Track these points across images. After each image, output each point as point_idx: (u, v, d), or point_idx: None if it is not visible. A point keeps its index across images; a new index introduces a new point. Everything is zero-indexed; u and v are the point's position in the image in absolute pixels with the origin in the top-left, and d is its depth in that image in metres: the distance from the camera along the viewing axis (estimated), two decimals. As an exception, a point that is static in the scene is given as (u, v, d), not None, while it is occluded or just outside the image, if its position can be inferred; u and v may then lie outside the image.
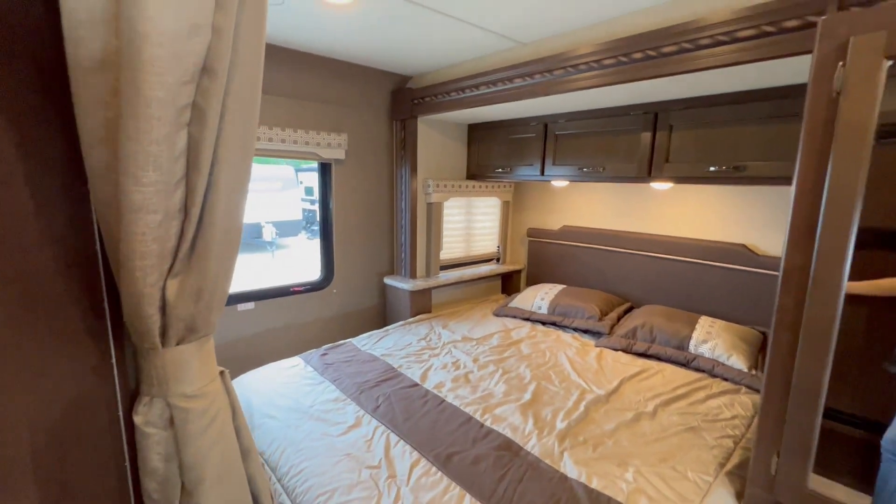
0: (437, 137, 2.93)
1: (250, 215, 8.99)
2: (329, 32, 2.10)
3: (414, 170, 2.83)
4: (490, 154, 2.99)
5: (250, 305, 2.57)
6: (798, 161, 1.16)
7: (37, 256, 0.61)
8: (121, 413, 0.74)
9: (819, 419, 1.16)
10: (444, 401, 1.81)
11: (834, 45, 1.07)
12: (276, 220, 9.32)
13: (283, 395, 1.85)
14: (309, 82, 2.50)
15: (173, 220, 0.64)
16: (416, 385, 1.94)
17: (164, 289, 0.67)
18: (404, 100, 2.76)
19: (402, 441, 1.54)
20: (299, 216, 10.01)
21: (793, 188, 1.18)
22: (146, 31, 0.51)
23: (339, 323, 2.92)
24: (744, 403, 1.80)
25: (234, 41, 0.61)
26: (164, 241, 0.64)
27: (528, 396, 1.84)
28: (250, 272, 7.84)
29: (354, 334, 2.74)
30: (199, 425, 0.75)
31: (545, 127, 2.60)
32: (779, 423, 1.23)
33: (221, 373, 0.84)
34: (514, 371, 2.08)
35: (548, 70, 1.97)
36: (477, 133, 3.06)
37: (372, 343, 2.42)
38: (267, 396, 1.85)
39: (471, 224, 3.26)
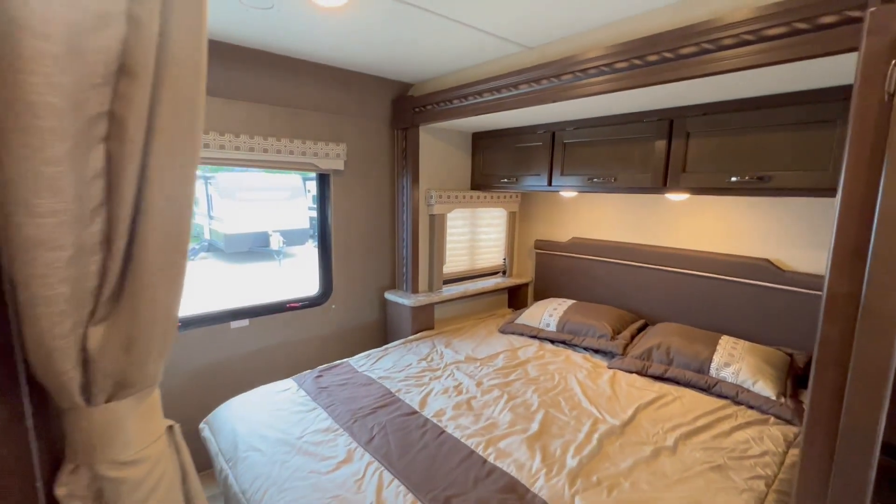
0: (440, 147, 2.81)
1: (258, 224, 8.97)
2: (323, 38, 2.00)
3: (416, 180, 2.71)
4: (495, 164, 2.87)
5: (244, 323, 2.45)
6: (843, 172, 1.01)
7: None
8: (39, 485, 0.61)
9: (874, 469, 1.00)
10: (444, 431, 1.67)
11: (885, 42, 0.93)
12: (284, 228, 9.28)
13: (271, 424, 1.72)
14: (306, 91, 2.40)
15: (91, 257, 0.52)
16: (415, 413, 1.80)
17: (83, 339, 0.55)
18: (405, 108, 2.66)
19: (395, 480, 1.40)
20: (306, 225, 9.97)
21: (837, 203, 1.03)
22: (24, 20, 0.39)
23: (338, 340, 2.80)
24: (774, 437, 1.63)
25: (163, 35, 0.49)
26: (79, 282, 0.52)
27: (535, 427, 1.69)
28: (257, 281, 7.76)
29: (354, 352, 2.61)
30: (136, 497, 0.63)
31: (553, 135, 2.47)
32: (824, 472, 1.08)
33: (170, 428, 0.71)
34: (520, 397, 1.93)
35: (555, 75, 1.85)
36: (481, 142, 2.94)
37: (370, 364, 2.29)
38: (254, 425, 1.73)
39: (475, 236, 3.13)
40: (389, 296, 2.87)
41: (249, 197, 9.15)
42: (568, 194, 2.89)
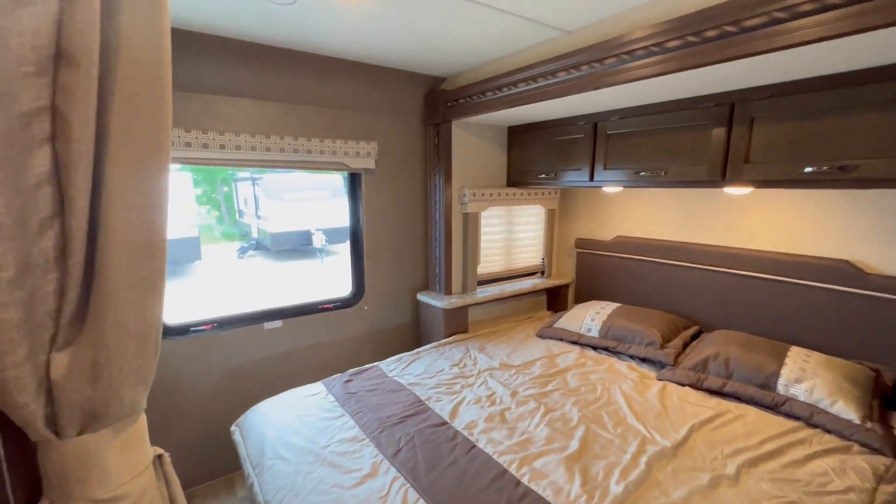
0: (474, 142, 2.70)
1: (301, 223, 9.24)
2: (350, 33, 1.93)
3: (448, 178, 2.61)
4: (532, 159, 2.71)
5: (278, 324, 2.46)
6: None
7: None
8: (14, 521, 0.57)
9: None
10: (475, 446, 1.56)
11: None
12: (326, 227, 9.49)
13: (298, 431, 1.68)
14: (335, 89, 2.35)
15: (45, 276, 0.46)
16: (445, 424, 1.71)
17: (46, 366, 0.49)
18: (437, 103, 2.56)
19: (421, 500, 1.31)
20: (348, 223, 10.16)
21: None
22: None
23: (370, 342, 2.75)
24: (859, 469, 1.40)
25: (107, 14, 0.41)
26: (31, 305, 0.45)
27: (574, 445, 1.55)
28: (299, 278, 7.97)
29: (386, 355, 2.56)
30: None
31: (594, 126, 2.29)
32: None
33: (158, 457, 0.65)
34: (558, 409, 1.79)
35: (597, 60, 1.68)
36: (517, 136, 2.79)
37: (400, 368, 2.22)
38: (281, 431, 1.70)
39: (512, 235, 2.98)
40: (422, 297, 2.79)
41: (293, 197, 9.44)
42: (611, 190, 2.69)
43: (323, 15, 1.73)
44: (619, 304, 2.59)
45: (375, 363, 2.31)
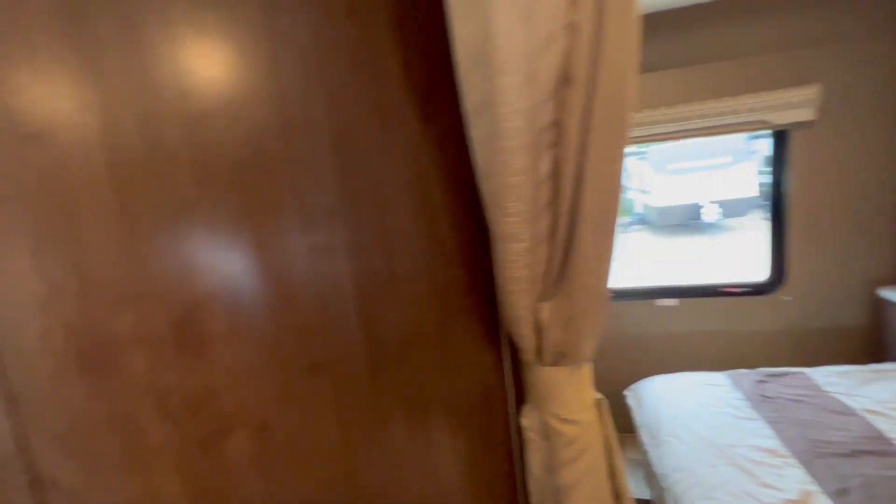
0: None
1: (689, 196, 8.47)
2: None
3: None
4: None
5: (673, 302, 2.38)
6: None
7: (455, 272, 0.75)
8: (512, 412, 0.82)
9: None
10: None
11: None
12: (721, 199, 8.29)
13: (697, 416, 1.59)
14: (745, 33, 1.95)
15: (540, 247, 0.63)
16: (936, 484, 1.16)
17: (537, 312, 0.68)
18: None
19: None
20: (752, 193, 8.45)
21: None
22: (499, 65, 0.49)
23: (791, 342, 2.21)
24: None
25: (597, 37, 0.50)
26: (533, 267, 0.63)
27: None
28: (687, 256, 7.38)
29: (815, 362, 1.99)
30: (568, 454, 0.73)
31: None
32: None
33: (598, 402, 0.77)
34: None
35: None
36: None
37: (847, 386, 1.67)
38: (677, 411, 1.66)
39: None
40: (888, 294, 1.96)
41: (681, 167, 8.73)
42: None
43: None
44: None
45: (800, 369, 1.84)
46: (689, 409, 1.65)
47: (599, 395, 0.77)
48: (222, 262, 0.60)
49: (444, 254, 0.73)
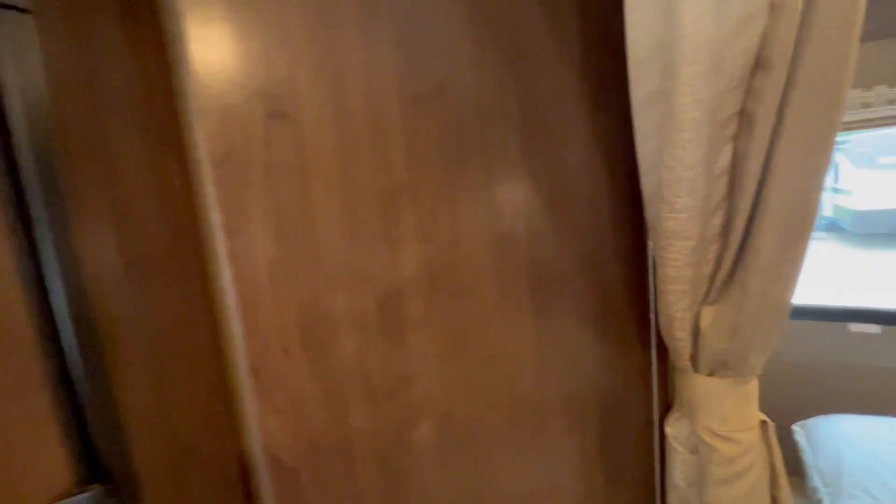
0: None
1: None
2: None
3: None
4: None
5: (872, 328, 1.93)
6: None
7: (609, 269, 0.74)
8: (655, 417, 0.79)
9: None
10: None
11: None
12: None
13: (894, 469, 1.28)
14: None
15: (710, 246, 0.58)
16: None
17: (697, 315, 0.63)
18: None
19: None
20: None
21: None
22: (682, 54, 0.47)
23: None
24: None
25: (806, 14, 0.44)
26: (699, 266, 0.59)
27: None
28: (887, 276, 5.80)
29: None
30: (723, 473, 0.67)
31: None
32: None
33: (763, 423, 0.69)
34: None
35: None
36: None
37: None
38: (868, 461, 1.35)
39: None
40: None
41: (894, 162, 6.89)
42: None
43: None
44: None
45: None
46: (889, 463, 1.34)
47: (764, 417, 0.69)
48: (420, 249, 0.60)
49: (604, 249, 0.71)
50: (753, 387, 0.68)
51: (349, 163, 0.54)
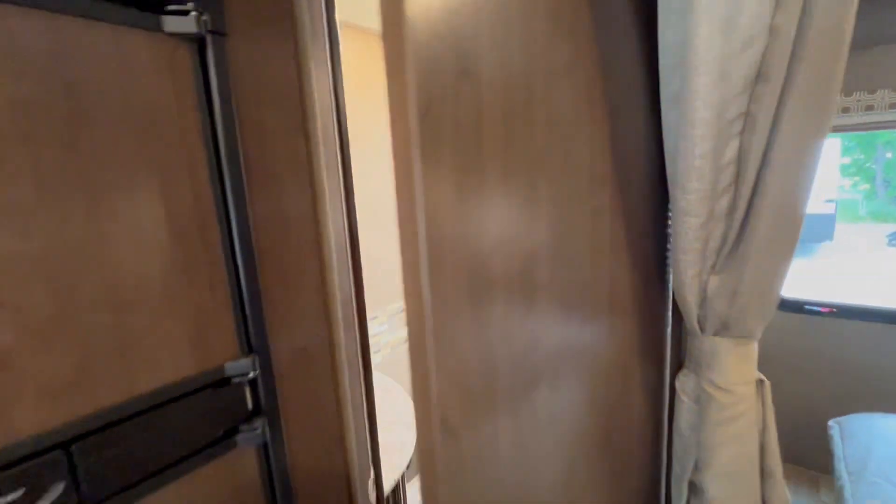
0: None
1: None
2: None
3: None
4: None
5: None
6: None
7: (642, 244, 0.86)
8: (667, 373, 0.92)
9: None
10: None
11: None
12: None
13: (925, 467, 1.31)
14: None
15: (717, 223, 0.70)
16: None
17: (705, 283, 0.76)
18: None
19: None
20: None
21: None
22: (694, 66, 0.59)
23: None
24: None
25: (798, 39, 0.55)
26: (706, 241, 0.71)
27: None
28: None
29: None
30: (717, 417, 0.79)
31: None
32: None
33: (760, 381, 0.81)
34: None
35: None
36: None
37: None
38: (894, 456, 1.38)
39: None
40: None
41: None
42: None
43: None
44: None
45: None
46: (917, 456, 1.36)
47: (762, 377, 0.80)
48: (549, 214, 0.62)
49: (637, 226, 0.81)
50: (752, 349, 0.79)
51: (508, 127, 0.54)
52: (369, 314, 0.92)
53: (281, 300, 0.73)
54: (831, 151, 8.20)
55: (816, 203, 7.91)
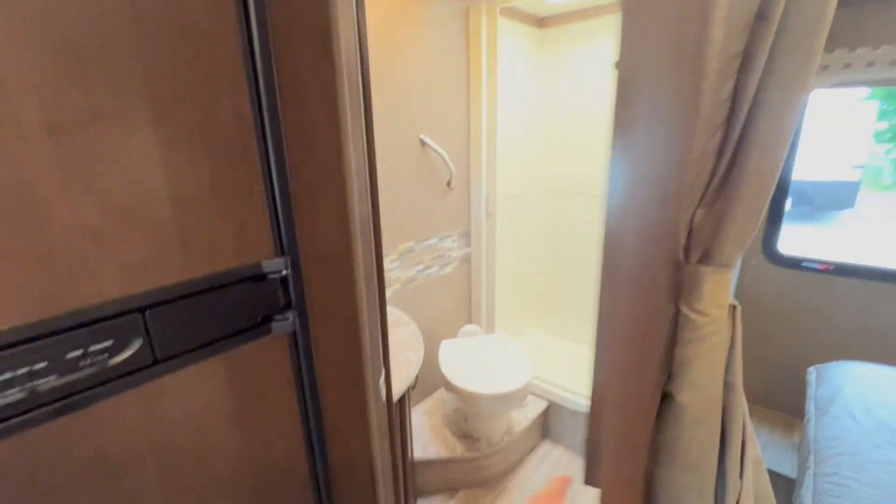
0: None
1: None
2: None
3: None
4: None
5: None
6: None
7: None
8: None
9: None
10: None
11: None
12: None
13: (885, 405, 1.43)
14: None
15: (708, 159, 0.77)
16: None
17: (692, 215, 0.83)
18: None
19: None
20: None
21: None
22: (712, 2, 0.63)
23: None
24: None
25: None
26: (697, 176, 0.78)
27: None
28: None
29: None
30: (691, 334, 0.89)
31: None
32: None
33: (733, 308, 0.90)
34: None
35: None
36: None
37: None
38: (864, 393, 1.50)
39: None
40: None
41: None
42: None
43: None
44: None
45: None
46: (880, 398, 1.48)
47: (735, 303, 0.90)
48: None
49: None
50: (728, 277, 0.88)
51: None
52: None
53: (308, 212, 0.83)
54: (866, 116, 7.80)
55: (843, 169, 7.64)
